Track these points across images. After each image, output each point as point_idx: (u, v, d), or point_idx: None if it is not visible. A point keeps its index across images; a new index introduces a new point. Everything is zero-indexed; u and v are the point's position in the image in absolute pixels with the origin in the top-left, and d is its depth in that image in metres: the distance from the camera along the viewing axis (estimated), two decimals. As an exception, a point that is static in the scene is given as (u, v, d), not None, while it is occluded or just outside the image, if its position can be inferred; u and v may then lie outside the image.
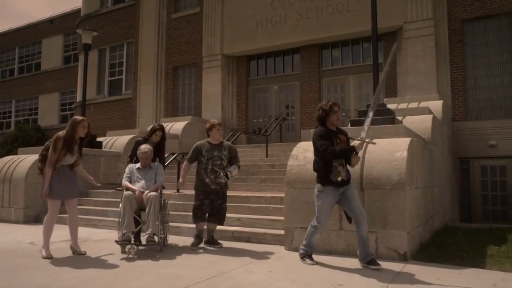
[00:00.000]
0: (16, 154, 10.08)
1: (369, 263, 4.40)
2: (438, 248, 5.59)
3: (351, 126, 6.45)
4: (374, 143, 4.60)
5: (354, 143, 4.46)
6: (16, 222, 8.30)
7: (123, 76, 17.58)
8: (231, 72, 14.51)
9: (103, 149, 10.17)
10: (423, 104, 9.47)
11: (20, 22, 57.96)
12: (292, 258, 4.93)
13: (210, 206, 5.56)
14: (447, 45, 11.47)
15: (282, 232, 5.56)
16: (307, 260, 4.64)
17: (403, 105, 9.79)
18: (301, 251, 4.75)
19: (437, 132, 8.13)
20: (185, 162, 5.81)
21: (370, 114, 4.57)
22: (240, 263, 4.67)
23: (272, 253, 5.20)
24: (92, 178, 5.50)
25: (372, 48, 7.45)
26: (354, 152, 4.41)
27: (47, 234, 5.09)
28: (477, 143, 10.98)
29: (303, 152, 5.43)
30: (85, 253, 5.19)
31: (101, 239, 6.39)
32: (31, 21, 25.31)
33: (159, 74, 15.79)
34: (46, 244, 5.06)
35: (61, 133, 5.07)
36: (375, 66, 7.15)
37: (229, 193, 5.88)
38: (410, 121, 7.50)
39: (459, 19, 11.50)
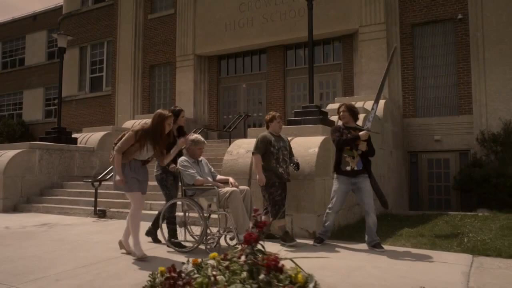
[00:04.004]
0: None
1: (374, 246, 5.06)
2: (356, 230, 6.48)
3: (287, 125, 7.37)
4: (378, 133, 5.30)
5: (362, 132, 5.15)
6: (-4, 211, 9.17)
7: (104, 73, 18.34)
8: (203, 71, 15.39)
9: (78, 145, 11.03)
10: (368, 103, 10.45)
11: (7, 15, 58.00)
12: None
13: None
14: (399, 47, 12.44)
15: (221, 216, 6.49)
16: (316, 243, 5.30)
17: (352, 104, 10.77)
18: (317, 235, 5.41)
19: (373, 129, 9.10)
20: (256, 155, 5.35)
21: (375, 106, 5.40)
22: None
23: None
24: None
25: (308, 52, 8.37)
26: (361, 140, 5.09)
27: (136, 233, 4.58)
28: (425, 138, 12.04)
29: (237, 148, 6.39)
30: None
31: (69, 224, 7.32)
32: (16, 15, 25.71)
33: (136, 72, 16.60)
34: (137, 242, 4.58)
35: (140, 126, 4.59)
36: (310, 69, 8.11)
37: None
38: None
39: (409, 23, 12.48)
